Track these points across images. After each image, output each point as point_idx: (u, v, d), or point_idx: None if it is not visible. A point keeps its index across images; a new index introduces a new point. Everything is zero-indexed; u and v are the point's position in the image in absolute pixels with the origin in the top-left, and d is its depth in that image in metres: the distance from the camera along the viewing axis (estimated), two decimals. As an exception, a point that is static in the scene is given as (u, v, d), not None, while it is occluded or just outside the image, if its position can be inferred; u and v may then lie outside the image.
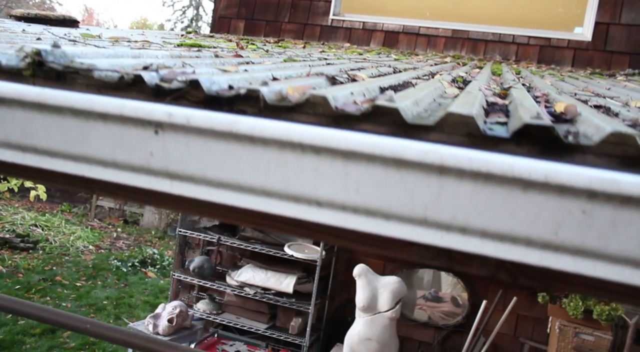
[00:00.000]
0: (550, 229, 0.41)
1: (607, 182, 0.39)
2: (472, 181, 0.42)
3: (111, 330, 1.21)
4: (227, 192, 0.50)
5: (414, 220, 0.45)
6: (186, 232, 3.74)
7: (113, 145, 0.52)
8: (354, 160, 0.44)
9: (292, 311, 3.62)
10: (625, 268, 0.41)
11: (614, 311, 2.88)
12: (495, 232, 0.43)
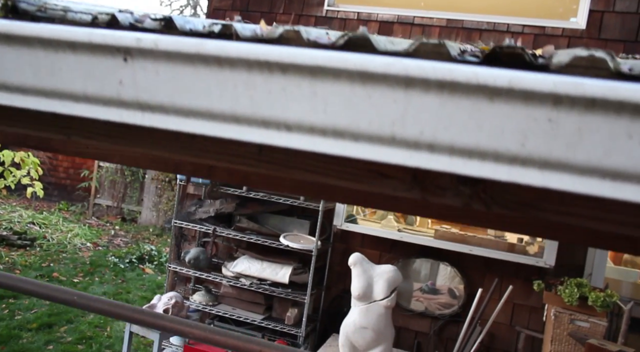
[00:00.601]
0: (517, 141, 0.41)
1: (571, 85, 0.38)
2: (438, 93, 0.41)
3: (98, 301, 1.21)
4: (197, 120, 0.50)
5: (383, 139, 0.44)
6: (181, 224, 3.74)
7: (83, 77, 0.52)
8: (320, 77, 0.44)
9: (288, 301, 3.62)
10: (591, 179, 0.41)
11: (609, 298, 2.88)
12: (462, 147, 0.42)
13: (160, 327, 1.14)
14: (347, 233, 3.67)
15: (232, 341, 1.15)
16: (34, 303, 5.44)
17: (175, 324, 1.19)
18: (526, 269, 3.36)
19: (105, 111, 0.53)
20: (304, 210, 3.77)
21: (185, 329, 1.18)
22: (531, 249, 3.38)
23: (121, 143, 0.63)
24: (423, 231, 3.67)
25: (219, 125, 0.50)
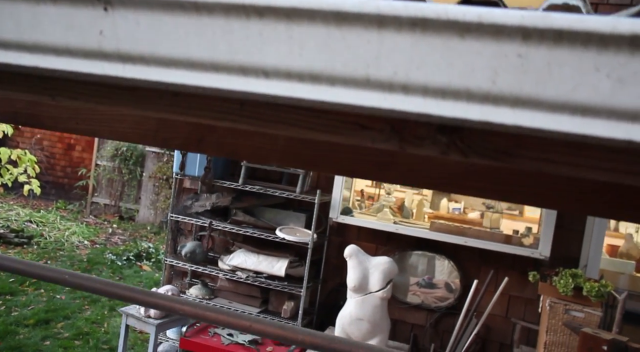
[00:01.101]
0: (488, 78, 0.42)
1: (539, 17, 0.39)
2: (410, 31, 0.42)
3: (89, 280, 1.21)
4: (178, 70, 0.51)
5: (358, 81, 0.45)
6: (177, 218, 3.74)
7: (65, 29, 0.52)
8: (296, 19, 0.45)
9: (284, 294, 3.62)
10: (562, 115, 0.41)
11: (604, 288, 2.89)
12: (435, 86, 0.43)
13: (152, 305, 1.15)
14: (344, 226, 3.67)
15: (223, 317, 1.16)
16: (31, 300, 5.44)
17: (167, 301, 1.20)
18: (522, 261, 3.37)
19: (87, 64, 0.54)
20: (300, 203, 3.78)
21: (176, 306, 1.18)
22: (526, 241, 3.39)
23: (105, 102, 0.63)
24: (419, 224, 3.68)
25: (198, 75, 0.50)
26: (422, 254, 3.74)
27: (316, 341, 1.07)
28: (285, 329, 1.12)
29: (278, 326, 1.12)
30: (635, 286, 3.58)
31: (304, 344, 1.07)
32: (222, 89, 0.50)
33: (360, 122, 0.54)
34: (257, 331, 1.09)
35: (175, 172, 3.73)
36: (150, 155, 9.52)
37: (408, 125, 0.53)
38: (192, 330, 3.31)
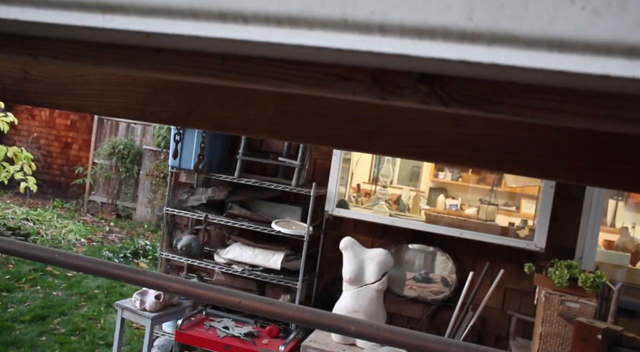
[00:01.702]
0: (465, 14, 0.41)
1: (513, -51, 0.39)
2: (387, -32, 0.42)
3: (79, 259, 1.21)
4: (157, 19, 0.50)
5: (335, 23, 0.45)
6: (173, 211, 3.73)
7: (43, -22, 0.52)
8: (273, -40, 0.44)
9: (280, 288, 3.62)
10: (538, 51, 0.41)
11: (599, 278, 2.89)
12: (412, 25, 0.43)
13: (140, 283, 1.14)
14: (339, 220, 3.67)
15: (213, 293, 1.15)
16: (27, 296, 5.43)
17: (156, 278, 1.20)
18: (517, 253, 3.37)
19: (67, 16, 0.53)
20: (295, 197, 3.77)
21: (165, 283, 1.18)
22: (522, 233, 3.39)
23: (88, 61, 0.63)
24: (415, 217, 3.68)
25: (178, 23, 0.50)
26: (419, 250, 3.75)
27: (305, 316, 1.07)
28: (275, 305, 1.12)
29: (268, 302, 1.11)
30: (631, 279, 3.59)
31: (293, 320, 1.07)
32: (202, 37, 0.50)
33: (342, 74, 0.54)
34: (246, 306, 1.09)
35: (171, 166, 3.73)
36: (147, 153, 9.51)
37: (389, 75, 0.53)
38: (188, 323, 3.30)
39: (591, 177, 0.79)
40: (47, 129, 11.19)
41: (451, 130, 0.85)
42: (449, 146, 0.85)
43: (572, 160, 0.80)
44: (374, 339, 1.00)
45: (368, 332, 1.00)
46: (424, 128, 0.86)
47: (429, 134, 0.86)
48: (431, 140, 0.86)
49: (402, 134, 0.87)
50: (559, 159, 0.81)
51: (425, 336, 0.99)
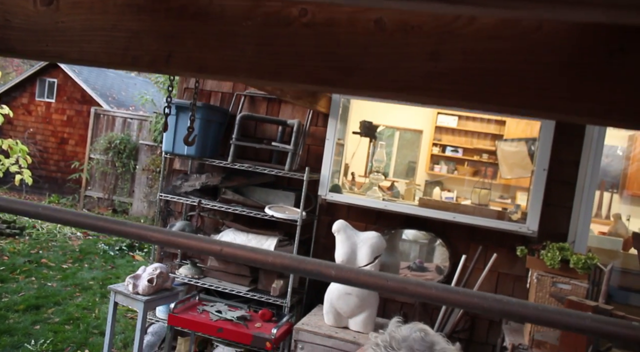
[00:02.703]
0: None
1: None
2: None
3: (61, 212, 1.20)
4: None
5: None
6: (167, 197, 3.73)
7: None
8: None
9: (273, 273, 3.62)
10: None
11: (590, 260, 2.90)
12: None
13: (123, 234, 1.14)
14: (333, 206, 3.67)
15: (194, 242, 1.15)
16: (22, 287, 5.42)
17: (136, 229, 1.19)
18: (510, 238, 3.37)
19: None
20: (289, 182, 3.78)
21: (147, 234, 1.18)
22: (515, 217, 3.40)
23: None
24: (408, 202, 3.69)
25: None
26: (413, 241, 3.75)
27: (286, 262, 1.06)
28: (255, 252, 1.11)
29: (248, 249, 1.11)
30: (623, 264, 3.60)
31: (274, 266, 1.07)
32: None
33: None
34: (227, 254, 1.08)
35: (164, 151, 3.72)
36: (143, 148, 9.50)
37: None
38: (181, 307, 3.30)
39: (568, 107, 0.80)
40: (43, 124, 11.18)
41: (428, 64, 0.85)
42: (426, 80, 0.85)
43: (548, 91, 0.81)
44: (354, 283, 1.00)
45: (348, 276, 1.00)
46: (400, 63, 0.86)
47: (405, 69, 0.86)
48: (408, 75, 0.86)
49: (379, 69, 0.87)
50: (535, 89, 0.81)
51: (405, 279, 0.99)
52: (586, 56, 0.79)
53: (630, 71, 0.77)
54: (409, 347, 1.41)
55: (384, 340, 1.45)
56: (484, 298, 0.95)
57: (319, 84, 0.93)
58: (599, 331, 0.93)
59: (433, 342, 1.44)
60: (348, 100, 3.60)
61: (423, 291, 0.99)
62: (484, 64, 0.83)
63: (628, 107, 0.78)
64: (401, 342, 1.42)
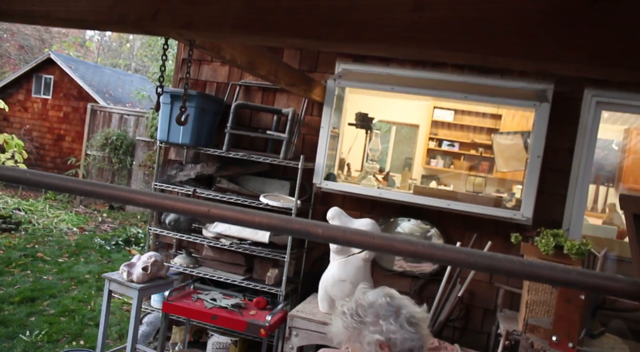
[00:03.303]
0: None
1: None
2: None
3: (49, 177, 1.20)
4: None
5: None
6: (162, 186, 3.73)
7: None
8: None
9: (268, 262, 3.62)
10: None
11: (584, 246, 2.90)
12: None
13: (108, 197, 1.14)
14: (328, 195, 3.67)
15: (181, 204, 1.15)
16: (17, 280, 5.40)
17: (123, 192, 1.19)
18: (505, 226, 3.37)
19: None
20: (284, 171, 3.77)
21: (135, 196, 1.18)
22: (509, 204, 3.40)
23: None
24: (403, 191, 3.69)
25: None
26: (409, 233, 3.75)
27: (273, 222, 1.06)
28: (243, 212, 1.11)
29: (237, 210, 1.11)
30: (617, 252, 3.60)
31: (261, 226, 1.07)
32: None
33: None
34: (215, 215, 1.08)
35: (159, 141, 3.72)
36: (140, 144, 9.48)
37: None
38: (175, 295, 3.30)
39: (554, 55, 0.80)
40: (39, 121, 11.16)
41: (412, 15, 0.85)
42: (410, 30, 0.85)
43: (533, 39, 0.81)
44: (341, 241, 1.00)
45: (335, 235, 1.00)
46: (386, 14, 0.86)
47: (391, 20, 0.86)
48: (393, 25, 0.86)
49: (365, 21, 0.87)
50: (521, 37, 0.81)
51: (392, 237, 0.99)
52: (570, 2, 0.79)
53: (615, 17, 0.77)
54: (375, 313, 1.42)
55: (350, 308, 1.46)
56: (470, 254, 0.95)
57: (306, 38, 0.93)
58: (583, 284, 0.93)
59: (399, 306, 1.45)
60: (343, 89, 3.60)
61: (410, 248, 1.00)
62: (468, 13, 0.83)
63: (612, 52, 0.78)
64: (367, 309, 1.43)
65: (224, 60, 2.29)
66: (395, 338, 1.41)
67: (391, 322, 1.42)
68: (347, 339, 1.47)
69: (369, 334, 1.41)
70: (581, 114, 3.32)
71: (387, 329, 1.41)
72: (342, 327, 1.46)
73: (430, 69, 3.56)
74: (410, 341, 1.42)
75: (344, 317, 1.47)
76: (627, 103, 3.25)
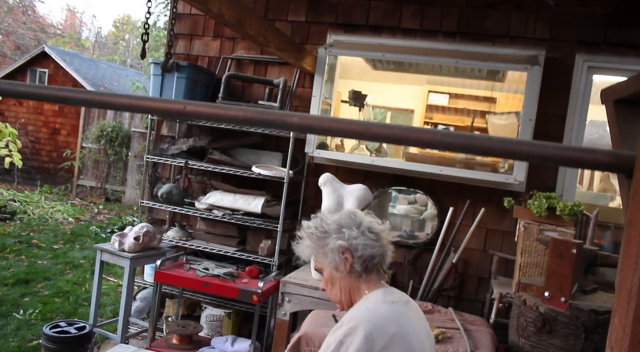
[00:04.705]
0: None
1: None
2: None
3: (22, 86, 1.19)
4: None
5: None
6: (154, 158, 3.71)
7: None
8: None
9: (261, 234, 3.60)
10: None
11: (577, 207, 2.90)
12: None
13: (88, 102, 1.13)
14: (320, 166, 3.66)
15: (159, 103, 1.15)
16: (11, 264, 5.39)
17: (101, 96, 1.19)
18: (498, 193, 3.36)
19: None
20: (277, 143, 3.76)
21: (112, 99, 1.17)
22: (502, 169, 3.39)
23: None
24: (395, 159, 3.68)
25: None
26: (405, 215, 3.74)
27: (249, 114, 1.05)
28: (219, 107, 1.11)
29: (212, 106, 1.10)
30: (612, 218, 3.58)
31: (237, 120, 1.05)
32: None
33: None
34: (191, 112, 1.07)
35: (150, 113, 3.70)
36: (135, 135, 9.46)
37: None
38: (168, 265, 3.28)
39: None
40: (34, 115, 11.13)
41: None
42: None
43: None
44: (316, 130, 0.99)
45: (310, 123, 0.98)
46: None
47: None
48: None
49: None
50: None
51: (367, 122, 0.98)
52: None
53: None
54: (339, 224, 1.48)
55: (315, 223, 1.50)
56: (447, 134, 0.94)
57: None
58: (559, 157, 0.92)
59: (361, 219, 1.50)
60: (335, 57, 3.59)
61: (386, 132, 0.98)
62: None
63: None
64: (331, 223, 1.48)
65: (210, 15, 2.27)
66: (357, 244, 1.45)
67: (353, 229, 1.47)
68: (313, 252, 1.52)
69: (332, 241, 1.46)
70: (573, 79, 3.31)
71: (350, 235, 1.46)
72: (305, 239, 1.52)
73: (421, 38, 3.55)
74: (371, 247, 1.47)
75: (307, 229, 1.53)
76: (618, 67, 3.24)
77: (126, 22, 25.86)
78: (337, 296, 1.53)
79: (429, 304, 3.06)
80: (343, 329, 1.35)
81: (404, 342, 1.36)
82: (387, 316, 1.40)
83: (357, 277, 1.49)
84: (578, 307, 2.43)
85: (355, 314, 1.38)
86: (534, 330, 2.53)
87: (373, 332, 1.32)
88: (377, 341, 1.32)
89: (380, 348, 1.32)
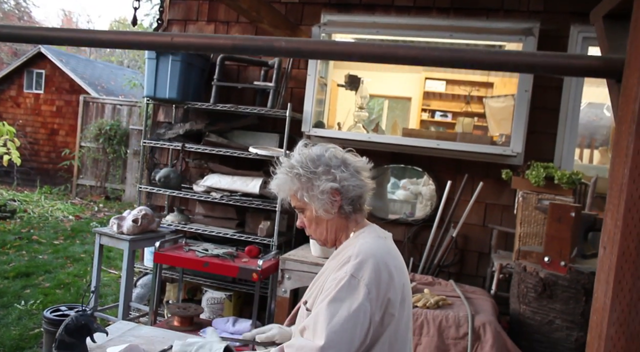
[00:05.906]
0: None
1: None
2: None
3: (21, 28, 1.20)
4: None
5: None
6: (150, 143, 3.71)
7: None
8: None
9: (260, 215, 3.60)
10: None
11: (575, 175, 2.89)
12: None
13: (74, 41, 1.13)
14: (318, 147, 3.65)
15: (145, 37, 1.16)
16: (12, 259, 5.38)
17: (86, 33, 1.19)
18: (496, 167, 3.35)
19: None
20: (274, 125, 3.75)
21: (97, 36, 1.18)
22: (499, 142, 3.39)
23: None
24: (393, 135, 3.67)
25: None
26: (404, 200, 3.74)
27: (237, 41, 1.05)
28: (207, 37, 1.11)
29: (199, 36, 1.10)
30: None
31: (225, 47, 1.05)
32: None
33: None
34: (179, 43, 1.07)
35: (146, 97, 3.70)
36: (134, 133, 9.46)
37: None
38: (167, 247, 3.27)
39: None
40: (32, 116, 11.13)
41: None
42: None
43: None
44: (304, 52, 0.98)
45: (297, 46, 0.98)
46: None
47: None
48: None
49: None
50: None
51: (353, 42, 0.98)
52: None
53: None
54: (326, 163, 1.45)
55: (298, 161, 1.47)
56: (434, 49, 0.93)
57: None
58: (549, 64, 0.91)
59: (345, 157, 1.49)
60: (329, 35, 3.58)
61: (373, 50, 0.98)
62: None
63: None
64: (317, 161, 1.45)
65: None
66: (347, 185, 1.45)
67: (342, 170, 1.45)
68: (294, 190, 1.48)
69: (323, 183, 1.43)
70: (568, 51, 3.31)
71: (341, 176, 1.44)
72: (288, 180, 1.48)
73: (415, 15, 3.54)
74: (358, 188, 1.47)
75: (292, 170, 1.48)
76: (613, 37, 3.23)
77: (122, 25, 25.89)
78: (323, 235, 1.52)
79: (430, 277, 3.05)
80: (350, 264, 1.35)
81: (401, 275, 1.41)
82: (386, 250, 1.43)
83: (345, 217, 1.49)
84: (578, 270, 2.42)
85: (360, 250, 1.38)
86: (535, 296, 2.52)
87: (380, 265, 1.35)
88: (382, 273, 1.35)
89: (385, 281, 1.35)
